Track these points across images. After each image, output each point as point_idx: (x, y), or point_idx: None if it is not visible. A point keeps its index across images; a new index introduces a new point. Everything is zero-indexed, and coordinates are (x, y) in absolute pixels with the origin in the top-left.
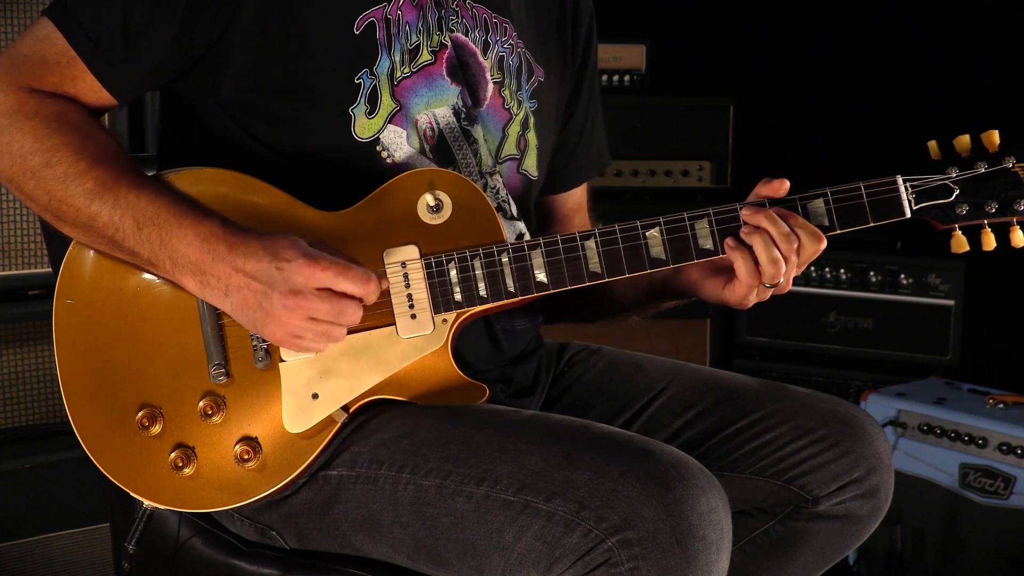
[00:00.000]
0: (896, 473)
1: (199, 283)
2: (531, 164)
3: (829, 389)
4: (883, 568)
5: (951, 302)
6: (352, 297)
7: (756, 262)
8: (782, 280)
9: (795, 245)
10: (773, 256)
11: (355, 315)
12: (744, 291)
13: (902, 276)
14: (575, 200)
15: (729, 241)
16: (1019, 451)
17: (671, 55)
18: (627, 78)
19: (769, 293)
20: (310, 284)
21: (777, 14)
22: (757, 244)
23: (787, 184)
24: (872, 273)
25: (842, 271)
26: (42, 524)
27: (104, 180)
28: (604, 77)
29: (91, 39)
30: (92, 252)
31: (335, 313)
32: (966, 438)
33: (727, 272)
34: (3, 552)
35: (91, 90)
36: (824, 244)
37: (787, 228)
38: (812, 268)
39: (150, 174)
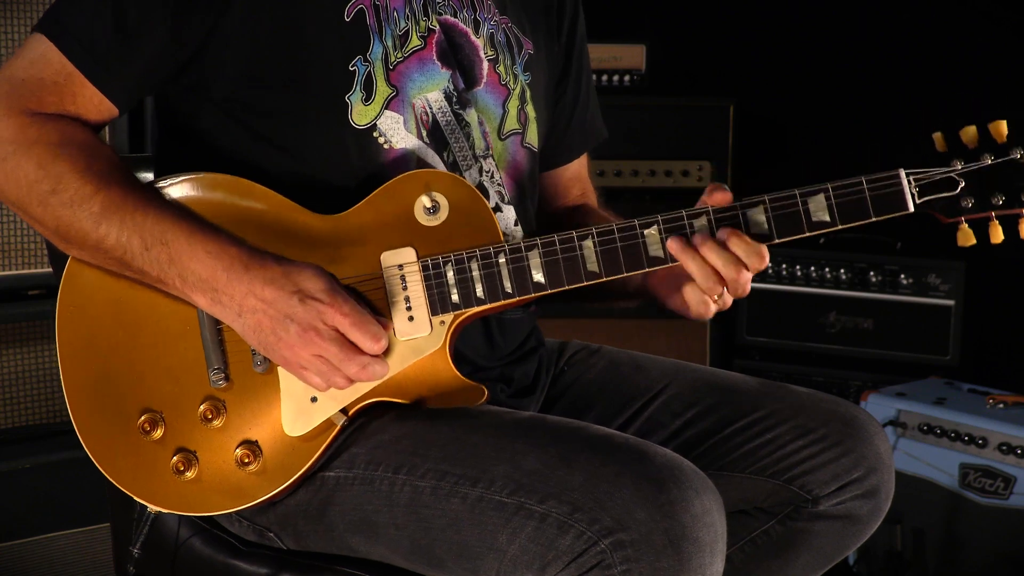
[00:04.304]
0: (896, 473)
1: (210, 300)
2: (533, 137)
3: (829, 389)
4: (883, 568)
5: (951, 302)
6: (361, 352)
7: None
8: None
9: (743, 271)
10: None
11: (357, 372)
12: (698, 299)
13: (902, 276)
14: (572, 172)
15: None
16: (1019, 451)
17: (671, 55)
18: (627, 78)
19: (728, 303)
20: (329, 323)
21: (777, 14)
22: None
23: (729, 195)
24: (872, 273)
25: (842, 271)
26: (42, 524)
27: (110, 202)
28: (604, 77)
29: (86, 50)
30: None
31: (340, 359)
32: (966, 438)
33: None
34: (3, 552)
35: (91, 103)
36: (767, 261)
37: (733, 257)
38: (812, 268)
39: (149, 178)
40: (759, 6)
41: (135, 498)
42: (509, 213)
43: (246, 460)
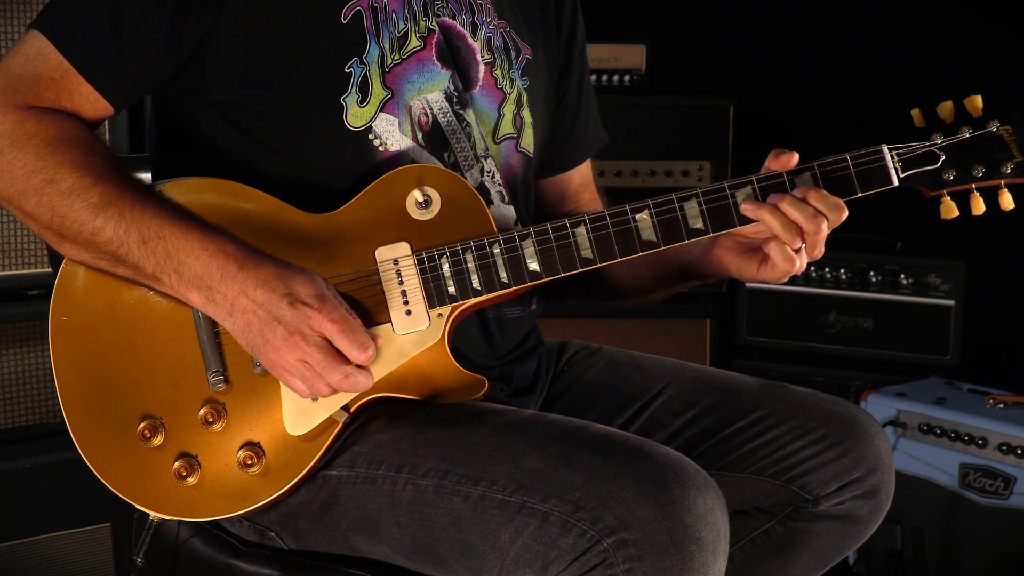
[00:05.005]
0: (896, 473)
1: (204, 298)
2: (528, 142)
3: (829, 389)
4: (883, 568)
5: (951, 302)
6: (346, 361)
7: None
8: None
9: (823, 224)
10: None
11: (340, 381)
12: (783, 255)
13: (902, 276)
14: (582, 176)
15: (750, 209)
16: (1019, 451)
17: (671, 55)
18: (627, 78)
19: (804, 262)
20: (315, 328)
21: (777, 14)
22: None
23: (796, 156)
24: (872, 273)
25: (842, 271)
26: (42, 524)
27: (108, 195)
28: (604, 77)
29: (82, 47)
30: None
31: (324, 367)
32: (966, 438)
33: (758, 252)
34: (3, 552)
35: (88, 101)
36: (846, 213)
37: (812, 211)
38: (812, 268)
39: (146, 175)
40: (759, 6)
41: (136, 506)
42: (509, 212)
43: (249, 462)
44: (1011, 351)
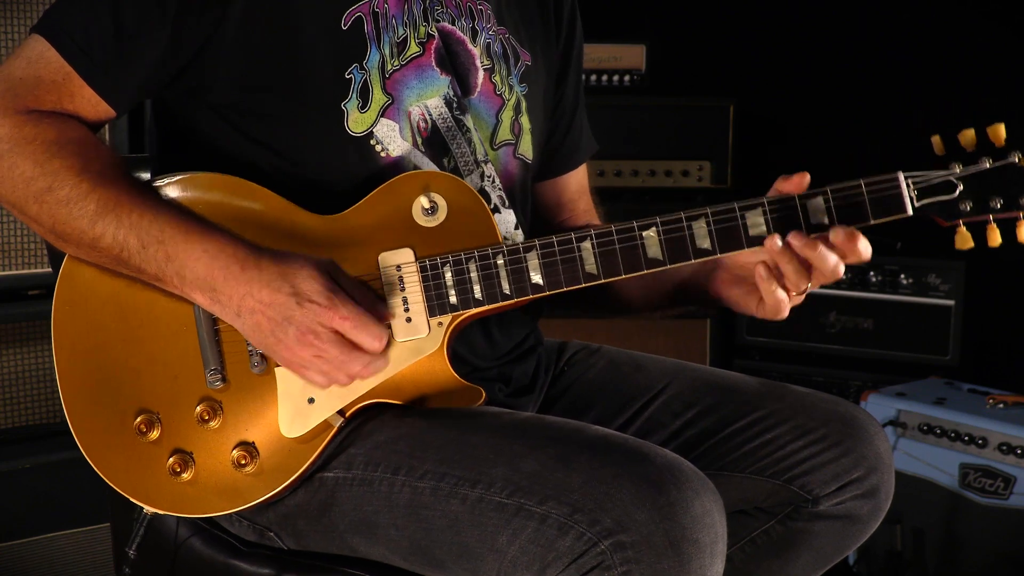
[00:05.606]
0: (896, 473)
1: (209, 299)
2: (526, 148)
3: (829, 389)
4: (883, 568)
5: (951, 302)
6: (361, 350)
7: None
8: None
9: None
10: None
11: (360, 370)
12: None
13: (902, 276)
14: (578, 182)
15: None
16: (1019, 451)
17: (671, 55)
18: (627, 78)
19: (801, 299)
20: (327, 325)
21: (777, 14)
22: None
23: (807, 177)
24: (872, 273)
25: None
26: (42, 524)
27: (106, 201)
28: (604, 77)
29: (83, 49)
30: None
31: (341, 361)
32: (966, 438)
33: (757, 290)
34: (3, 552)
35: (89, 104)
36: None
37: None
38: None
39: (145, 175)
40: (759, 6)
41: (130, 499)
42: (510, 216)
43: (243, 462)
44: (1011, 351)
